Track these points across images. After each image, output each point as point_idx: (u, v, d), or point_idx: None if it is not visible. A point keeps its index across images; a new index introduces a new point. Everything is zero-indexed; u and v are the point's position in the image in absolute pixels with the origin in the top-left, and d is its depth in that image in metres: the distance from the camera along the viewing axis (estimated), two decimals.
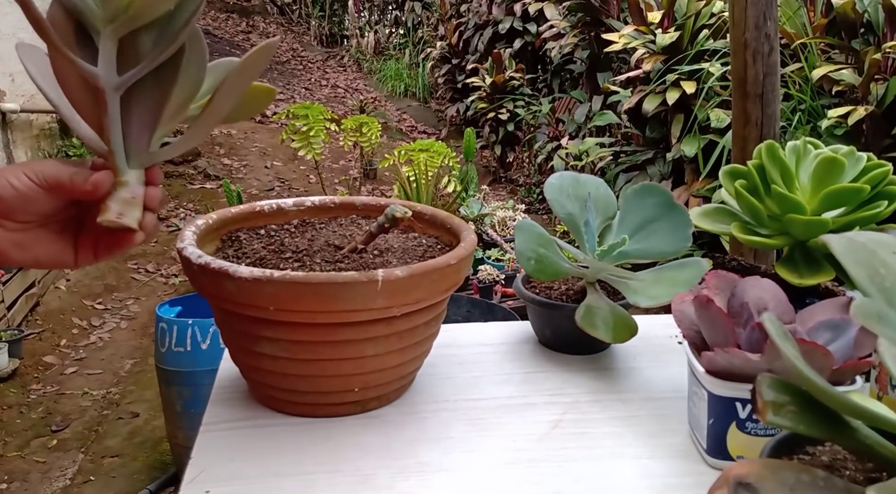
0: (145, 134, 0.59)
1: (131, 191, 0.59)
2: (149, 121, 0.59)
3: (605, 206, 0.86)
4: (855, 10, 2.59)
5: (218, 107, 0.59)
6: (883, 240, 0.40)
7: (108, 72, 0.56)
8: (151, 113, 0.59)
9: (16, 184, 0.56)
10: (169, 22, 0.57)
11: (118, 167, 0.58)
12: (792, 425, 0.38)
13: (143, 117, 0.59)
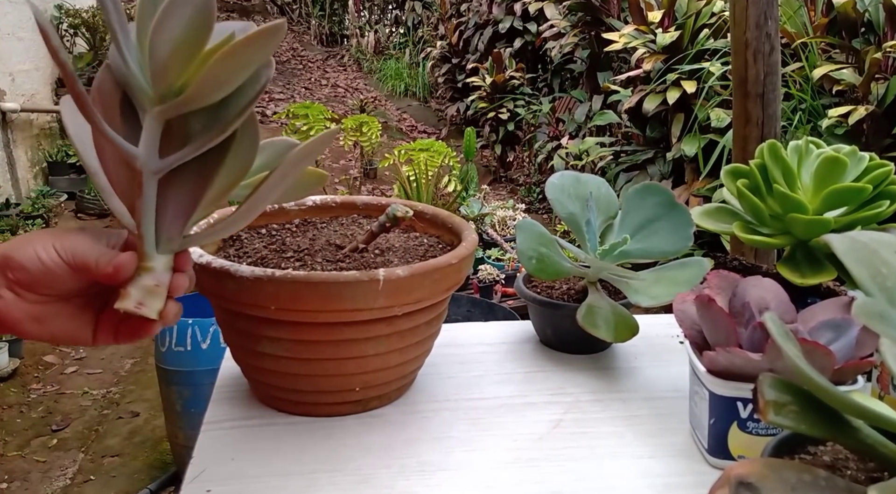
0: (180, 220, 0.55)
1: (156, 279, 0.54)
2: (186, 208, 0.54)
3: (606, 206, 0.86)
4: (855, 9, 2.59)
5: (265, 195, 0.55)
6: (885, 240, 0.40)
7: (149, 154, 0.51)
8: (190, 199, 0.54)
9: (43, 257, 0.52)
10: (222, 106, 0.52)
11: (146, 252, 0.54)
12: (793, 425, 0.38)
13: (180, 203, 0.54)
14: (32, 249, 0.52)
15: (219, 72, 0.48)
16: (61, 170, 4.56)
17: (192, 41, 0.48)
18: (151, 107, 0.51)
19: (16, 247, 0.52)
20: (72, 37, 5.11)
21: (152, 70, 0.49)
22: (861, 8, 2.60)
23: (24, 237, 0.53)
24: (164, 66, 0.49)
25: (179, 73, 0.49)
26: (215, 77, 0.48)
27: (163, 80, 0.50)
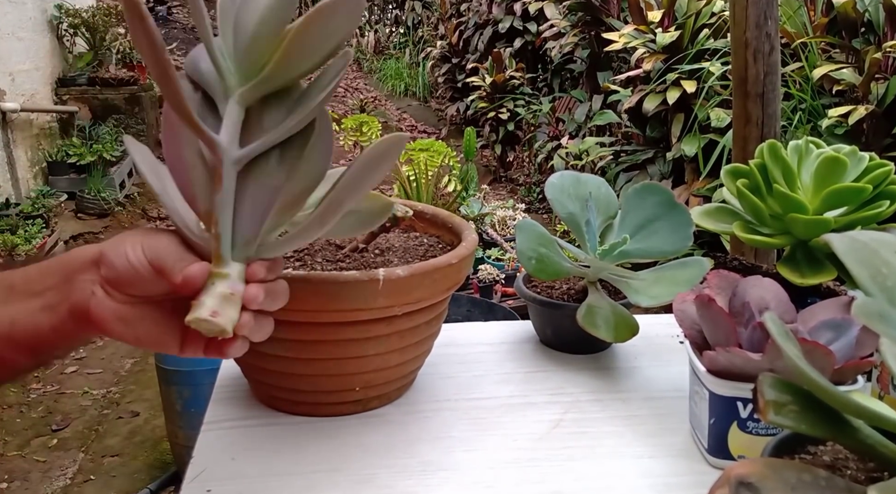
0: (257, 220, 0.51)
1: (231, 286, 0.49)
2: (264, 206, 0.51)
3: (606, 206, 0.86)
4: (855, 9, 2.59)
5: (340, 198, 0.51)
6: (885, 240, 0.40)
7: (231, 141, 0.49)
8: (268, 196, 0.51)
9: (131, 256, 0.50)
10: (302, 96, 0.51)
11: (222, 255, 0.50)
12: (793, 424, 0.38)
13: (258, 200, 0.51)
14: (123, 247, 0.51)
15: (304, 39, 0.48)
16: (61, 170, 4.56)
17: (277, 18, 0.49)
18: (237, 89, 0.50)
19: (111, 244, 0.51)
20: (72, 37, 5.11)
21: (236, 50, 0.49)
22: (861, 8, 2.60)
23: (122, 235, 0.52)
24: (249, 44, 0.49)
25: (264, 50, 0.49)
26: (300, 46, 0.48)
27: (247, 58, 0.49)
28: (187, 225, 0.52)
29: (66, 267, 0.51)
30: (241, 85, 0.50)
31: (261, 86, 0.50)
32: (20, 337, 0.51)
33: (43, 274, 0.52)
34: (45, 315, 0.51)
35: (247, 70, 0.50)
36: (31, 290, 0.52)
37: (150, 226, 0.69)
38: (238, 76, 0.50)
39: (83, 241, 4.15)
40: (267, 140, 0.50)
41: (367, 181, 0.53)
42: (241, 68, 0.50)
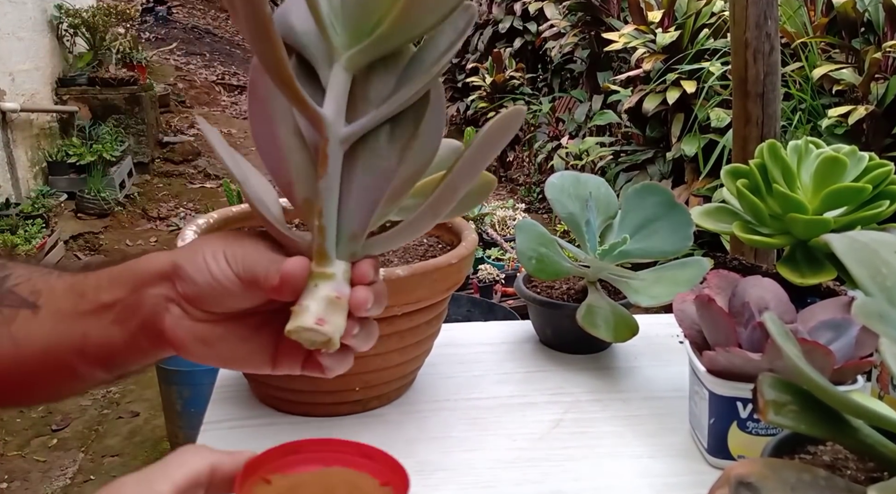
0: (366, 210, 0.43)
1: (336, 289, 0.42)
2: (374, 194, 0.43)
3: (605, 206, 0.86)
4: (855, 9, 2.59)
5: (456, 183, 0.43)
6: (884, 240, 0.40)
7: (337, 115, 0.41)
8: (379, 181, 0.43)
9: (213, 268, 0.43)
10: (413, 57, 0.44)
11: (326, 252, 0.42)
12: (793, 424, 0.38)
13: (367, 186, 0.43)
14: (202, 257, 0.43)
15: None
16: (61, 170, 4.56)
17: None
18: (344, 53, 0.41)
19: (186, 254, 0.44)
20: (72, 37, 5.11)
21: (344, 2, 0.41)
22: (861, 8, 2.60)
23: (196, 243, 0.45)
24: (362, 8, 0.41)
25: (375, 6, 0.41)
26: (414, 6, 0.39)
27: (359, 11, 0.41)
28: (278, 219, 0.44)
29: (136, 278, 0.45)
30: (349, 46, 0.41)
31: (373, 48, 0.41)
32: (93, 351, 0.46)
33: (113, 282, 0.46)
34: (118, 329, 0.45)
35: (357, 27, 0.41)
36: (102, 301, 0.46)
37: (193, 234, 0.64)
38: (346, 35, 0.41)
39: (83, 241, 4.15)
40: (377, 114, 0.42)
41: (484, 161, 0.44)
42: (349, 25, 0.41)
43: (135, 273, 0.45)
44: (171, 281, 0.44)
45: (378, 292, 0.44)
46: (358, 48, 0.41)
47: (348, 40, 0.41)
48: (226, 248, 0.44)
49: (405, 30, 0.41)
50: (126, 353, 0.47)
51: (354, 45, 0.41)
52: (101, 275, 0.47)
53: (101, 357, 0.47)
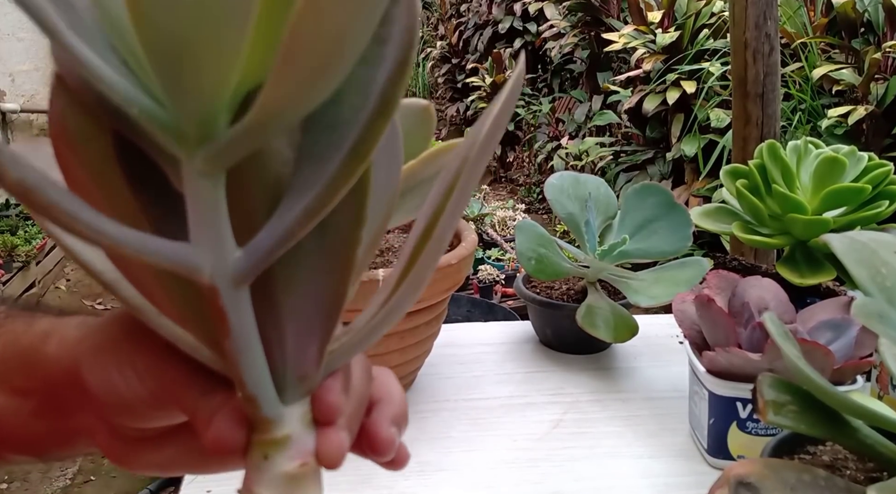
0: (312, 341, 0.29)
1: (297, 453, 0.29)
2: (319, 319, 0.29)
3: (605, 206, 0.86)
4: (855, 9, 2.59)
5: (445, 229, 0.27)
6: (884, 240, 0.40)
7: (216, 249, 0.24)
8: (322, 301, 0.29)
9: (122, 388, 0.31)
10: (335, 103, 0.25)
11: (264, 417, 0.28)
12: (793, 425, 0.38)
13: (305, 314, 0.29)
14: (107, 372, 0.32)
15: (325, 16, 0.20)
16: None
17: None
18: (193, 153, 0.23)
19: (90, 362, 0.32)
20: None
21: (165, 68, 0.21)
22: (860, 8, 2.60)
23: (99, 341, 0.33)
24: (197, 50, 0.21)
25: (231, 54, 0.21)
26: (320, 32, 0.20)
27: (197, 74, 0.21)
28: (194, 348, 0.30)
29: (47, 377, 0.34)
30: (200, 139, 0.23)
31: (254, 132, 0.23)
32: (9, 438, 0.36)
33: (24, 367, 0.35)
34: (42, 424, 0.35)
35: (207, 99, 0.22)
36: (14, 386, 0.35)
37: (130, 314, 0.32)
38: (190, 119, 0.22)
39: None
40: (284, 225, 0.25)
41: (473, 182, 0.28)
42: (189, 97, 0.22)
43: (45, 369, 0.34)
44: (82, 389, 0.32)
45: (358, 401, 0.33)
46: (216, 146, 0.23)
47: (197, 127, 0.22)
48: (136, 358, 0.31)
49: (312, 89, 0.22)
50: (55, 444, 0.37)
51: (210, 137, 0.23)
52: (6, 354, 0.36)
53: (21, 445, 0.37)
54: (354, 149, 0.24)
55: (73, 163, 0.26)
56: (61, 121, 0.25)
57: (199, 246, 0.24)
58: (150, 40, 0.20)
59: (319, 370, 0.30)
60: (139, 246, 0.23)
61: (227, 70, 0.21)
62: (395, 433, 0.36)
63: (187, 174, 0.24)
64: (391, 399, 0.38)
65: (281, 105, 0.22)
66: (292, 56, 0.20)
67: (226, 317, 0.26)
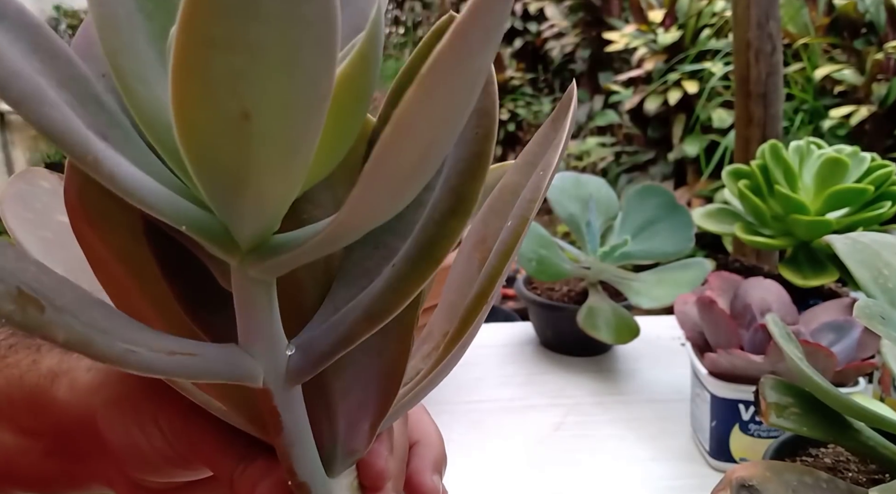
0: (364, 420, 0.27)
1: None
2: (373, 399, 0.27)
3: (606, 207, 0.86)
4: (857, 10, 2.59)
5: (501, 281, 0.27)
6: (887, 241, 0.40)
7: (270, 353, 0.23)
8: (376, 381, 0.27)
9: (144, 446, 0.29)
10: None
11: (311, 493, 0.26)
12: (795, 427, 0.38)
13: (357, 395, 0.27)
14: (126, 428, 0.29)
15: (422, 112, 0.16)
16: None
17: None
18: (244, 261, 0.21)
19: (109, 415, 0.29)
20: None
21: (219, 196, 0.19)
22: (862, 9, 2.60)
23: (118, 393, 0.30)
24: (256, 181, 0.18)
25: (292, 181, 0.19)
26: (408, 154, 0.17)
27: (259, 206, 0.19)
28: (226, 414, 0.28)
29: (58, 422, 0.31)
30: (252, 243, 0.21)
31: (317, 249, 0.20)
32: (19, 477, 0.34)
33: (31, 408, 0.32)
34: (53, 464, 0.32)
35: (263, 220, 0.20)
36: (22, 426, 0.32)
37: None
38: (242, 233, 0.20)
39: None
40: (343, 333, 0.23)
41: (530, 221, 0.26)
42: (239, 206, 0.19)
43: (58, 414, 0.31)
44: (101, 441, 0.30)
45: (400, 463, 0.32)
46: (273, 259, 0.21)
47: (251, 240, 0.20)
48: (160, 416, 0.28)
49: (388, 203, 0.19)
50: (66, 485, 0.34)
51: (264, 245, 0.21)
52: (12, 392, 0.32)
53: (31, 485, 0.34)
54: (425, 250, 0.21)
55: (95, 242, 0.23)
56: (80, 195, 0.22)
57: (250, 350, 0.23)
58: (204, 170, 0.18)
59: (370, 444, 0.28)
60: (191, 369, 0.20)
61: (289, 191, 0.19)
62: (437, 481, 0.35)
63: (237, 279, 0.22)
64: (429, 441, 0.36)
65: (360, 223, 0.19)
66: (378, 176, 0.17)
67: (279, 417, 0.24)
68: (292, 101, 0.16)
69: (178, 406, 0.28)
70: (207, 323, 0.23)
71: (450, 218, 0.21)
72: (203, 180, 0.18)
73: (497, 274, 0.26)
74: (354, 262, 0.24)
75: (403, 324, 0.26)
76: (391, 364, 0.27)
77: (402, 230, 0.23)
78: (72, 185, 0.23)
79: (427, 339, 0.30)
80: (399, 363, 0.27)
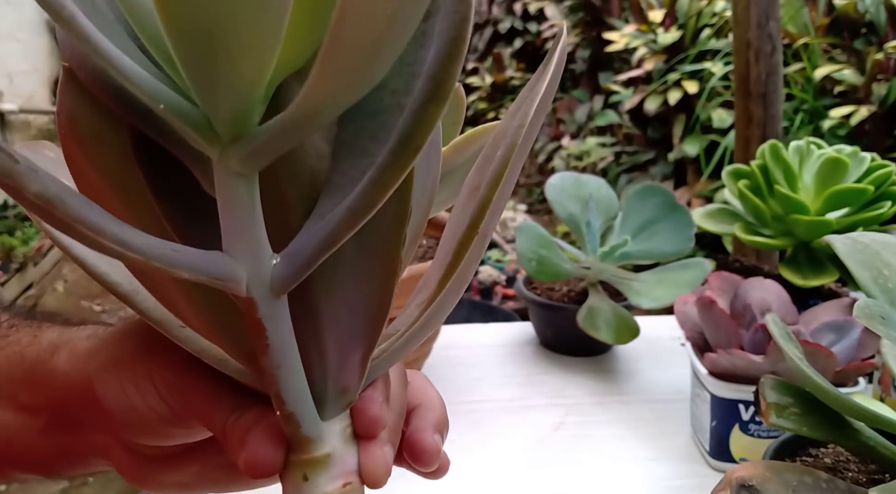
0: (355, 351, 0.27)
1: (339, 471, 0.27)
2: (362, 327, 0.26)
3: (606, 207, 0.86)
4: (856, 10, 2.59)
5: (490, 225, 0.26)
6: (887, 241, 0.40)
7: (254, 259, 0.22)
8: (365, 307, 0.26)
9: (139, 404, 0.29)
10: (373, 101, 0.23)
11: (305, 438, 0.26)
12: (795, 427, 0.38)
13: (347, 322, 0.26)
14: (121, 386, 0.29)
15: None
16: None
17: None
18: (226, 150, 0.21)
19: (104, 376, 0.30)
20: None
21: (195, 60, 0.19)
22: (862, 9, 2.60)
23: (114, 353, 0.30)
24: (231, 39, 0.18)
25: (269, 42, 0.18)
26: (372, 14, 0.17)
27: (235, 73, 0.19)
28: (220, 360, 0.28)
29: (56, 393, 0.32)
30: (233, 134, 0.21)
31: (291, 130, 0.20)
32: (16, 456, 0.34)
33: (30, 382, 0.33)
34: (51, 442, 0.33)
35: (241, 95, 0.20)
36: (20, 402, 0.33)
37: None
38: (221, 114, 0.20)
39: None
40: (327, 231, 0.22)
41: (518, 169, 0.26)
42: (221, 90, 0.20)
43: (54, 385, 0.32)
44: (96, 405, 0.30)
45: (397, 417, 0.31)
46: (252, 144, 0.21)
47: (230, 124, 0.20)
48: (153, 371, 0.29)
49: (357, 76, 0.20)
50: (65, 464, 0.34)
51: (244, 133, 0.21)
52: (13, 370, 0.33)
53: (29, 463, 0.35)
54: (404, 139, 0.21)
55: (85, 165, 0.24)
56: (71, 118, 0.23)
57: (233, 254, 0.22)
58: (177, 29, 0.18)
59: (362, 381, 0.27)
60: (171, 260, 0.20)
61: (264, 60, 0.19)
62: (438, 441, 0.34)
63: (219, 174, 0.21)
64: (431, 404, 0.36)
65: (325, 98, 0.20)
66: (339, 44, 0.18)
67: (264, 331, 0.23)
68: None
69: (173, 363, 0.29)
70: (195, 240, 0.23)
71: (428, 103, 0.21)
72: (175, 38, 0.18)
73: (487, 202, 0.25)
74: (340, 173, 0.24)
75: (389, 244, 0.25)
76: (379, 288, 0.26)
77: (385, 138, 0.22)
78: (63, 107, 0.23)
79: (423, 288, 0.30)
80: (387, 286, 0.26)
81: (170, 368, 0.29)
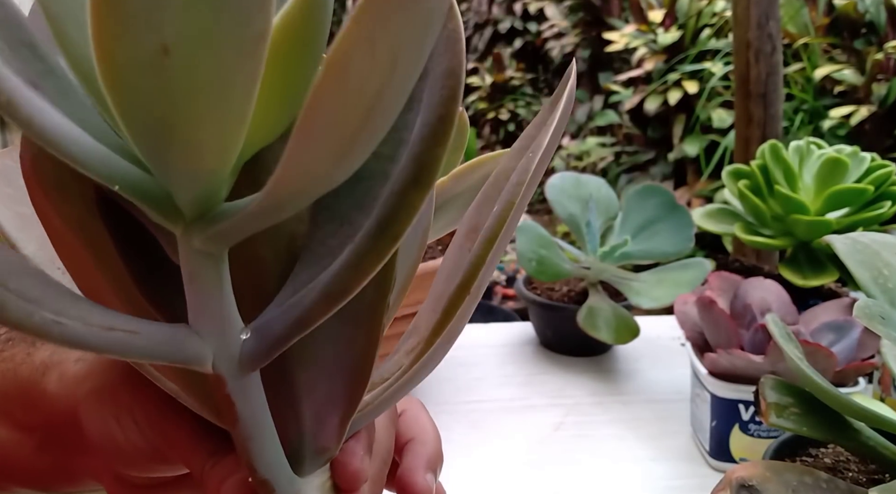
0: (332, 416, 0.26)
1: None
2: (341, 393, 0.26)
3: (606, 207, 0.86)
4: (856, 10, 2.59)
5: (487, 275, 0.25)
6: (887, 241, 0.40)
7: (221, 336, 0.21)
8: (344, 374, 0.25)
9: (120, 439, 0.29)
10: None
11: None
12: (795, 427, 0.38)
13: (324, 389, 0.26)
14: (104, 420, 0.29)
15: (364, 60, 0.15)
16: None
17: None
18: (189, 231, 0.20)
19: (89, 409, 0.30)
20: None
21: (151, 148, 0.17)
22: (862, 9, 2.60)
23: (97, 386, 0.30)
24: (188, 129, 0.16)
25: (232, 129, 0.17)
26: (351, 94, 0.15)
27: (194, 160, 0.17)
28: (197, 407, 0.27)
29: (48, 415, 0.31)
30: (197, 214, 0.19)
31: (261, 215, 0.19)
32: (14, 471, 0.34)
33: (24, 401, 0.32)
34: (47, 459, 0.33)
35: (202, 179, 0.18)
36: (16, 420, 0.33)
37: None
38: (184, 194, 0.19)
39: None
40: (300, 314, 0.21)
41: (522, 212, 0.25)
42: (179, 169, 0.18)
43: (47, 407, 0.31)
44: (79, 432, 0.30)
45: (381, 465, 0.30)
46: (218, 225, 0.19)
47: (193, 205, 0.19)
48: (136, 409, 0.28)
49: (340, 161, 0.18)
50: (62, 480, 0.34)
51: (209, 211, 0.19)
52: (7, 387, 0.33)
53: (24, 479, 0.34)
54: (384, 225, 0.19)
55: (50, 212, 0.22)
56: (34, 163, 0.22)
57: (199, 329, 0.21)
58: (132, 118, 0.16)
59: (341, 441, 0.26)
60: (127, 346, 0.19)
61: (227, 150, 0.17)
62: (431, 480, 0.33)
63: (183, 250, 0.20)
64: (424, 437, 0.36)
65: (301, 184, 0.18)
66: (313, 127, 0.16)
67: (233, 406, 0.22)
68: (218, 38, 0.14)
69: (154, 399, 0.28)
70: (161, 302, 0.22)
71: (410, 188, 0.19)
72: (129, 125, 0.17)
73: (480, 262, 0.25)
74: (319, 240, 0.22)
75: (371, 312, 0.24)
76: (359, 354, 0.25)
77: (368, 206, 0.21)
78: (26, 153, 0.22)
79: (413, 333, 0.29)
80: (368, 353, 0.25)
81: (153, 403, 0.28)
